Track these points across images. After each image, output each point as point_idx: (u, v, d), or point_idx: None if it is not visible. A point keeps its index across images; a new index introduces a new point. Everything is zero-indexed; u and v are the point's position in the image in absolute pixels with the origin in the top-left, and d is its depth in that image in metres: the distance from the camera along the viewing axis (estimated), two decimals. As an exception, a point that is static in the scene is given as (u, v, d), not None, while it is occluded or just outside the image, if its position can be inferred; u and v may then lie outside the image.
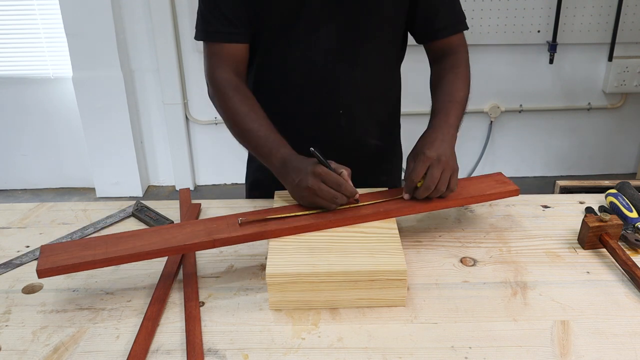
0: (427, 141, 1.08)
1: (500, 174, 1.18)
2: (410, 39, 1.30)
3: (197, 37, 1.20)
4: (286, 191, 1.12)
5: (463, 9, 1.26)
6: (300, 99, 1.24)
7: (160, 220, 1.20)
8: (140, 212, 1.23)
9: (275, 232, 0.99)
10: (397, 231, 1.00)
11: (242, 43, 1.18)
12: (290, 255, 0.94)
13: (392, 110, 1.36)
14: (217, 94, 1.18)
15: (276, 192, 1.15)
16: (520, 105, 3.32)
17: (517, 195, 1.14)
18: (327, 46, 1.18)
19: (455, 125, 1.14)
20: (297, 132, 1.24)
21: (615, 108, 3.35)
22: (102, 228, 1.19)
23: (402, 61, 1.34)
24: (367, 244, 0.97)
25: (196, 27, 1.20)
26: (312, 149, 1.02)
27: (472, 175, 3.45)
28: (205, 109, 3.30)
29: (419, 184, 1.05)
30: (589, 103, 3.32)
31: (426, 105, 1.26)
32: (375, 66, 1.24)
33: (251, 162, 1.41)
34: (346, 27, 1.16)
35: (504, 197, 1.14)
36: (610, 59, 3.16)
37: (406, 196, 1.08)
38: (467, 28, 1.26)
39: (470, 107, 1.22)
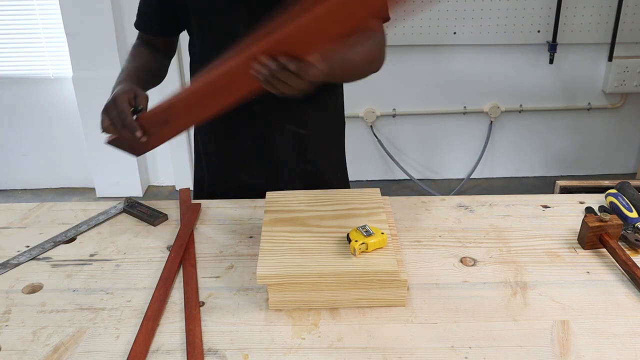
0: None
1: None
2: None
3: (134, 25, 1.36)
4: (278, 192, 1.14)
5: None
6: None
7: (154, 214, 1.22)
8: (132, 207, 1.25)
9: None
10: (389, 230, 1.00)
11: (159, 37, 1.35)
12: (281, 256, 0.94)
13: (320, 96, 1.26)
14: None
15: (268, 192, 1.15)
16: (520, 105, 3.32)
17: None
18: (240, 32, 1.10)
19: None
20: (222, 119, 1.22)
21: (615, 108, 3.35)
22: (95, 225, 1.20)
23: None
24: None
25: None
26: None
27: (471, 177, 3.47)
28: (205, 109, 3.30)
29: None
30: (589, 103, 3.32)
31: (424, 106, 1.21)
32: None
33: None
34: (258, 12, 1.11)
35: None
36: (610, 59, 3.16)
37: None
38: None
39: (470, 107, 1.19)
